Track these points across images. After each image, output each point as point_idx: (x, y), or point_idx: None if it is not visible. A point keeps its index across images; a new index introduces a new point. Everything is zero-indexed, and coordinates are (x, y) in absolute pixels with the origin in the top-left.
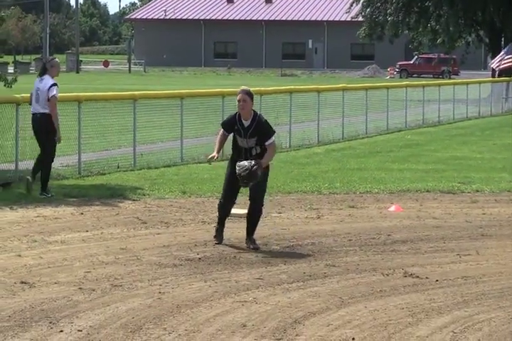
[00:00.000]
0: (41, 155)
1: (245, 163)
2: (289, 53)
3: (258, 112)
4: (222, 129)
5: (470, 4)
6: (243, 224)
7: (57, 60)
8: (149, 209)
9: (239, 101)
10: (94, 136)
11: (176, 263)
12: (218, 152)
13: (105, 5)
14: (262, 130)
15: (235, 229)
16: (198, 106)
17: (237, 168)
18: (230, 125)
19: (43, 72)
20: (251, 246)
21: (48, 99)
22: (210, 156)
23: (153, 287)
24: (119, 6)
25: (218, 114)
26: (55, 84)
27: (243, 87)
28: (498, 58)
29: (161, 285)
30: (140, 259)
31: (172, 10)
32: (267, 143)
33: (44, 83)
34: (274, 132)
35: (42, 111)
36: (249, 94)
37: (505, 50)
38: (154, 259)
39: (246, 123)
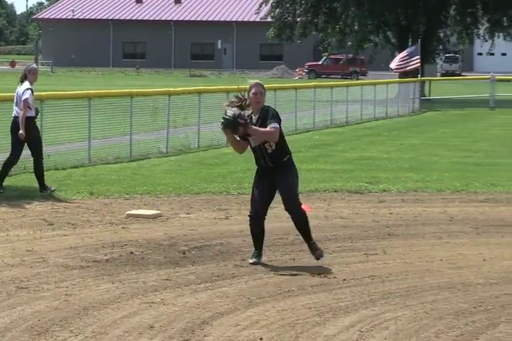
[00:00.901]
0: (9, 157)
1: (235, 112)
2: (198, 54)
3: (267, 106)
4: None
5: (377, 5)
6: (151, 225)
7: (35, 66)
8: (56, 210)
9: (255, 94)
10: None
11: (83, 265)
12: (241, 151)
13: (12, 4)
14: (266, 117)
15: (143, 230)
16: (106, 107)
17: (227, 113)
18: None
19: (23, 78)
20: (314, 255)
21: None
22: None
23: (59, 289)
24: (26, 6)
25: (127, 115)
26: (28, 89)
27: (256, 81)
28: (398, 59)
29: (67, 287)
30: (46, 261)
31: (80, 10)
32: (271, 126)
33: (21, 88)
34: (280, 121)
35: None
36: (263, 87)
37: (409, 51)
38: (61, 261)
39: (255, 118)
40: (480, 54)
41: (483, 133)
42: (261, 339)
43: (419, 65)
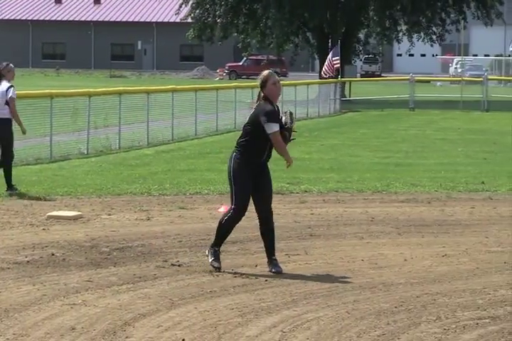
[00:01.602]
0: None
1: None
2: (118, 54)
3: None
4: (277, 130)
5: (297, 7)
6: (72, 227)
7: (11, 65)
8: None
9: (275, 83)
10: None
11: (3, 267)
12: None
13: None
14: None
15: (64, 232)
16: (26, 108)
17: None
18: (278, 117)
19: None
20: (273, 270)
21: (6, 103)
22: (288, 163)
23: None
24: None
25: (47, 115)
26: (11, 86)
27: (270, 70)
28: (326, 65)
29: None
30: None
31: None
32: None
33: (1, 88)
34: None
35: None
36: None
37: (331, 53)
38: None
39: (276, 106)
40: (399, 55)
41: (403, 134)
42: (183, 340)
43: (339, 65)
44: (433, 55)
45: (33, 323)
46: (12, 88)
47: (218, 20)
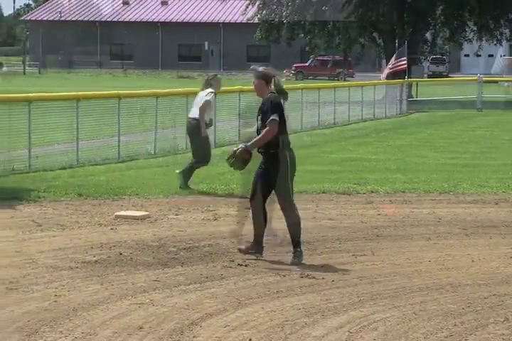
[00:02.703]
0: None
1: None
2: (185, 55)
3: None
4: (277, 118)
5: (366, 8)
6: (139, 226)
7: (219, 76)
8: (45, 211)
9: (253, 83)
10: None
11: (72, 266)
12: None
13: None
14: (265, 109)
15: (132, 231)
16: (95, 108)
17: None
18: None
19: (207, 85)
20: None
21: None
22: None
23: (49, 290)
24: (14, 7)
25: (114, 116)
26: (212, 92)
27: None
28: (387, 67)
29: (57, 288)
30: (36, 262)
31: (67, 11)
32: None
33: (204, 93)
34: (279, 110)
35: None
36: (259, 76)
37: (396, 54)
38: (50, 262)
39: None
40: (467, 55)
41: (471, 135)
42: (250, 340)
43: (405, 66)
44: (501, 56)
45: (101, 322)
46: (212, 94)
47: (285, 21)
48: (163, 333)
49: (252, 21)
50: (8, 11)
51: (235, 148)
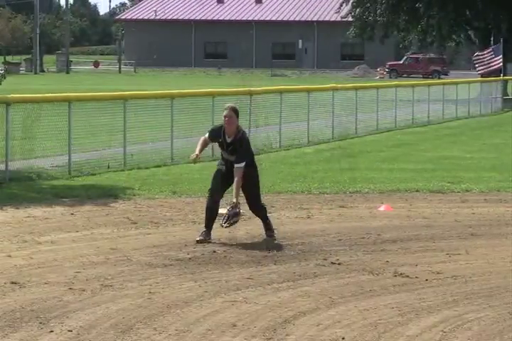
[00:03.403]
0: None
1: (224, 212)
2: (279, 53)
3: (243, 131)
4: (206, 135)
5: (460, 5)
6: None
7: None
8: (139, 209)
9: (225, 117)
10: (84, 137)
11: (166, 263)
12: (200, 152)
13: (95, 5)
14: (239, 149)
15: (225, 229)
16: (189, 107)
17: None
18: (215, 136)
19: None
20: (265, 246)
21: None
22: (192, 155)
23: (143, 287)
24: (109, 6)
25: (208, 114)
26: None
27: (230, 104)
28: (483, 61)
29: (151, 285)
30: (130, 259)
31: (162, 10)
32: (235, 165)
33: None
34: (249, 157)
35: None
36: (235, 111)
37: (489, 49)
38: (144, 259)
39: (229, 139)
40: None
41: None
42: (343, 338)
43: (501, 64)
44: None
45: (194, 319)
46: None
47: (379, 19)
48: (256, 331)
49: (346, 19)
50: (104, 10)
51: (225, 212)
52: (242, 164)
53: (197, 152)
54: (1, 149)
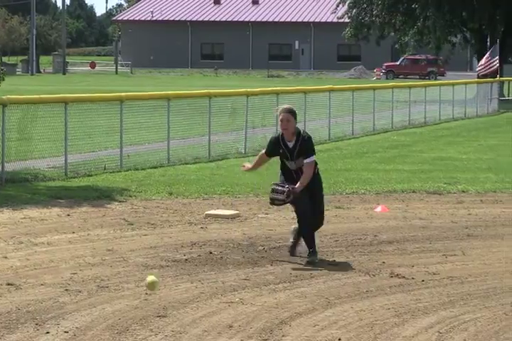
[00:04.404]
0: None
1: (280, 188)
2: (276, 54)
3: (301, 129)
4: (263, 151)
5: (456, 6)
6: (229, 225)
7: None
8: (136, 210)
9: (282, 120)
10: (80, 138)
11: (162, 265)
12: (252, 167)
13: (92, 6)
14: (306, 148)
15: (222, 230)
16: (185, 108)
17: (272, 192)
18: (274, 147)
19: None
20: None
21: None
22: (244, 165)
23: (139, 288)
24: (106, 8)
25: (205, 115)
26: None
27: (285, 106)
28: (483, 63)
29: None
30: (126, 260)
31: (159, 11)
32: (305, 161)
33: None
34: (315, 151)
35: None
36: (292, 113)
37: (489, 52)
38: (141, 260)
39: (290, 144)
40: None
41: None
42: (339, 339)
43: (498, 66)
44: None
45: (191, 321)
46: None
47: (375, 20)
48: (252, 332)
49: (342, 20)
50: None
51: (281, 189)
52: (313, 157)
53: (249, 165)
54: None
